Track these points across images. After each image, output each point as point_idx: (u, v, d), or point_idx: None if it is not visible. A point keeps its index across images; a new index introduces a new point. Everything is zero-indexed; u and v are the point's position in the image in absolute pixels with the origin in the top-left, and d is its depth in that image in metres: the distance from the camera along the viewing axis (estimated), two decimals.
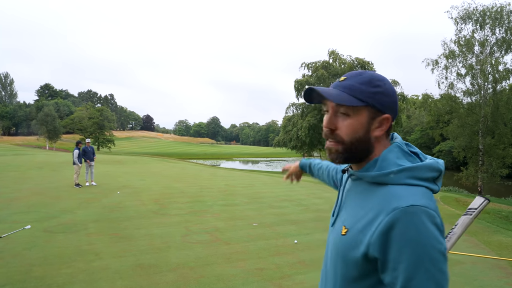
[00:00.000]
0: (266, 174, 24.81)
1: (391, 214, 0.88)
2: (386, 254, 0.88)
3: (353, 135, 1.00)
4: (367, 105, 0.99)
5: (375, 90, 0.99)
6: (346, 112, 1.00)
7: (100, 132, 59.64)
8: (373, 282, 0.95)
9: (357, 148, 1.01)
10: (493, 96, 23.15)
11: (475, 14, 23.34)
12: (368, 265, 0.94)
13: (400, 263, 0.87)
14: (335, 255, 1.04)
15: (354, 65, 32.40)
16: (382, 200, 0.94)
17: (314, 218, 8.20)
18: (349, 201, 1.08)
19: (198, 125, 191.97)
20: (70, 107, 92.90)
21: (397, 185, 0.95)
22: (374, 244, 0.90)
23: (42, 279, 4.13)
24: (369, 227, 0.93)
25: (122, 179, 14.48)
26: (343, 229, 1.01)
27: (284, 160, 70.34)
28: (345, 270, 0.99)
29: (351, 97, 0.99)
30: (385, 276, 0.91)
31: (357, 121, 1.00)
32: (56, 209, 8.14)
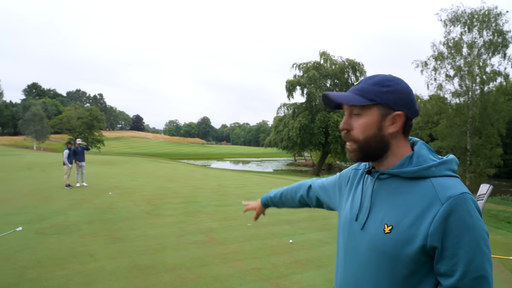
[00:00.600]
0: (257, 174, 24.83)
1: (447, 202, 0.93)
2: (445, 242, 0.93)
3: (367, 133, 1.06)
4: (377, 104, 1.05)
5: (385, 90, 1.05)
6: (358, 113, 1.07)
7: (89, 132, 58.91)
8: (420, 278, 0.98)
9: (372, 146, 1.06)
10: (480, 97, 23.55)
11: (464, 16, 23.72)
12: (423, 258, 0.96)
13: (459, 249, 0.91)
14: (377, 256, 1.03)
15: (345, 66, 32.67)
16: (429, 192, 0.98)
17: (308, 218, 8.24)
18: (382, 200, 1.08)
19: (188, 125, 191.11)
20: (59, 106, 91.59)
21: (439, 177, 1.00)
22: (433, 234, 0.93)
23: (36, 282, 4.07)
24: (422, 219, 0.96)
25: (113, 180, 14.34)
26: (386, 227, 1.02)
27: (275, 160, 70.47)
28: (393, 269, 1.00)
29: (361, 98, 1.06)
30: (442, 265, 0.94)
31: (369, 120, 1.06)
32: (47, 210, 8.02)
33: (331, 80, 33.29)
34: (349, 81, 33.43)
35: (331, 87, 33.74)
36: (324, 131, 31.82)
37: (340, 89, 33.32)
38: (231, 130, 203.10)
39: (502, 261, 5.64)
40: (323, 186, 1.51)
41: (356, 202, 1.17)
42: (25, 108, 75.01)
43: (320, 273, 4.69)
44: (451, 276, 0.93)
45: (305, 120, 31.15)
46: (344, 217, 1.21)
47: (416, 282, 0.98)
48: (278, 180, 17.98)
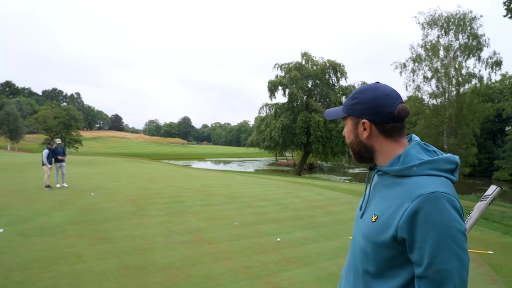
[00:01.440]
0: (240, 174, 24.86)
1: (416, 200, 1.02)
2: (413, 235, 1.02)
3: (349, 139, 1.27)
4: (348, 115, 1.25)
5: (353, 102, 1.22)
6: (344, 123, 1.29)
7: (67, 132, 57.24)
8: (400, 263, 1.09)
9: (356, 149, 1.25)
10: (456, 98, 24.31)
11: (440, 20, 24.43)
12: (397, 246, 1.07)
13: (425, 242, 1.00)
14: (365, 241, 1.17)
15: (326, 66, 33.04)
16: (407, 190, 1.08)
17: (293, 216, 8.35)
18: (377, 193, 1.22)
19: (169, 125, 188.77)
20: (34, 105, 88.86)
21: (420, 176, 1.09)
22: (402, 227, 1.04)
23: (23, 284, 3.98)
24: (397, 212, 1.07)
25: (94, 180, 14.07)
26: (373, 216, 1.15)
27: (257, 160, 70.60)
28: (375, 253, 1.13)
29: (341, 112, 1.28)
30: (413, 255, 1.04)
31: (347, 129, 1.27)
32: (28, 212, 7.82)
33: (313, 80, 33.60)
34: (330, 81, 33.84)
35: (312, 88, 34.07)
36: (306, 131, 32.11)
37: (321, 89, 33.68)
38: (212, 130, 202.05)
39: (482, 255, 5.89)
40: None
41: (364, 195, 1.31)
42: None
43: (309, 270, 4.78)
44: (420, 265, 1.02)
45: (287, 120, 31.33)
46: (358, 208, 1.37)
47: (398, 266, 1.09)
48: (261, 179, 18.07)
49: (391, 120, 1.16)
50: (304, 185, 15.83)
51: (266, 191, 12.77)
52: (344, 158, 35.75)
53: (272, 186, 14.58)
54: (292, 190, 13.39)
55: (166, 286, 4.08)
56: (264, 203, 10.01)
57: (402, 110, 1.16)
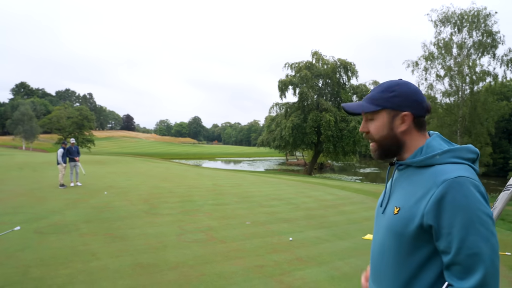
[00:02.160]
0: (251, 173, 24.89)
1: (442, 185, 1.03)
2: (440, 221, 1.02)
3: (379, 134, 1.22)
4: (384, 108, 1.21)
5: (390, 95, 1.20)
6: (371, 117, 1.24)
7: (79, 132, 58.12)
8: (427, 255, 1.07)
9: (387, 144, 1.22)
10: (470, 97, 23.90)
11: (454, 17, 24.06)
12: (423, 236, 1.06)
13: (453, 227, 1.00)
14: (387, 235, 1.16)
15: (337, 65, 32.82)
16: (431, 177, 1.09)
17: (305, 216, 8.32)
18: (398, 187, 1.22)
19: (179, 125, 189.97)
20: (48, 106, 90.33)
21: (443, 164, 1.10)
22: (428, 213, 1.03)
23: (41, 280, 4.06)
24: (421, 200, 1.07)
25: (107, 179, 14.25)
26: (395, 209, 1.15)
27: (267, 159, 70.57)
28: (399, 245, 1.11)
29: (370, 105, 1.23)
30: (440, 242, 1.03)
31: (380, 123, 1.22)
32: (43, 210, 7.96)
33: (323, 79, 33.42)
34: (341, 80, 33.60)
35: (323, 87, 33.92)
36: (316, 131, 31.97)
37: (332, 88, 33.50)
38: (222, 129, 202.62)
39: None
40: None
41: (384, 191, 1.31)
42: (13, 107, 73.80)
43: (322, 269, 4.76)
44: (448, 253, 1.01)
45: (297, 119, 31.23)
46: (377, 206, 1.35)
47: (423, 259, 1.07)
48: (272, 179, 18.06)
49: (425, 113, 1.21)
50: (315, 185, 15.78)
51: (277, 191, 12.76)
52: (355, 158, 35.50)
53: (283, 186, 14.56)
54: (303, 190, 13.35)
55: (179, 284, 4.12)
56: (275, 203, 10.01)
57: (430, 105, 1.23)
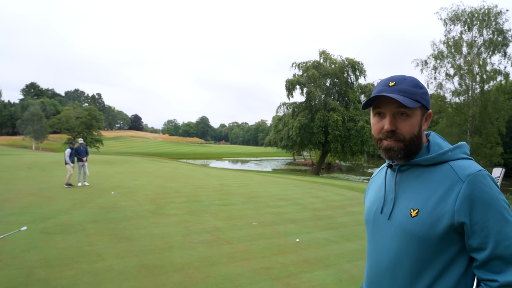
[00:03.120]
0: (258, 173, 24.81)
1: (468, 180, 1.01)
2: (472, 217, 0.99)
3: (412, 132, 1.12)
4: (421, 106, 1.13)
5: (422, 91, 1.14)
6: (406, 113, 1.12)
7: (88, 131, 58.65)
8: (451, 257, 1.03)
9: (414, 143, 1.14)
10: (480, 96, 23.58)
11: (464, 15, 23.74)
12: (451, 236, 1.02)
13: (487, 221, 0.97)
14: (404, 240, 1.08)
15: (345, 65, 32.58)
16: (449, 174, 1.05)
17: (312, 217, 8.22)
18: (405, 189, 1.15)
19: (187, 125, 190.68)
20: (57, 106, 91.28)
21: (456, 160, 1.09)
22: (459, 210, 1.00)
23: (45, 282, 4.03)
24: (446, 198, 1.02)
25: (114, 179, 14.29)
26: (412, 211, 1.08)
27: (274, 159, 70.44)
28: (423, 250, 1.04)
29: (412, 100, 1.11)
30: (473, 240, 0.99)
31: (415, 120, 1.13)
32: (50, 210, 7.97)
33: (331, 79, 33.20)
34: (348, 80, 33.33)
35: (330, 86, 33.69)
36: (324, 130, 31.77)
37: (339, 88, 33.25)
38: (230, 129, 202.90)
39: None
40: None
41: (379, 196, 1.23)
42: (23, 108, 74.76)
43: (330, 272, 4.67)
44: (484, 249, 0.97)
45: (304, 119, 31.07)
46: (369, 212, 1.26)
47: (447, 261, 1.02)
48: (279, 179, 17.97)
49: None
50: (323, 185, 15.65)
51: (284, 191, 12.67)
52: (363, 158, 35.22)
53: (290, 186, 14.46)
54: (310, 190, 13.24)
55: (184, 286, 4.06)
56: (282, 203, 9.92)
57: None
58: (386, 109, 1.13)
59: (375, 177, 1.38)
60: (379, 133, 1.15)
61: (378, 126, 1.15)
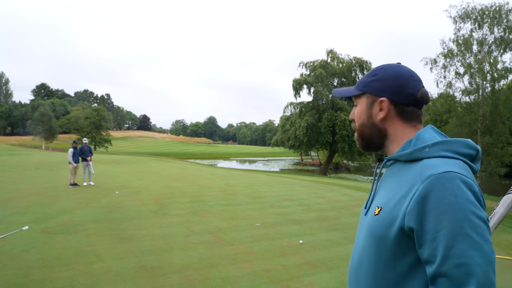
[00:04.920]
0: (265, 173, 24.68)
1: (427, 181, 0.86)
2: (424, 224, 0.84)
3: (360, 121, 1.10)
4: (364, 93, 1.09)
5: (372, 79, 1.07)
6: (355, 103, 1.13)
7: (97, 132, 59.17)
8: (410, 264, 0.90)
9: (367, 133, 1.09)
10: (491, 95, 23.10)
11: (474, 13, 23.29)
12: (404, 241, 0.89)
13: (438, 231, 0.82)
14: (367, 240, 1.00)
15: (352, 64, 32.34)
16: (416, 173, 0.92)
17: (317, 217, 8.08)
18: (383, 185, 1.07)
19: (195, 125, 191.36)
20: (67, 106, 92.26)
21: (432, 158, 0.94)
22: (409, 213, 0.87)
23: (41, 283, 3.97)
24: (403, 199, 0.91)
25: (120, 179, 14.30)
26: (376, 209, 0.99)
27: (282, 159, 70.21)
28: (380, 252, 0.94)
29: (354, 89, 1.11)
30: (424, 250, 0.85)
31: (359, 109, 1.10)
32: (54, 209, 7.96)
33: (338, 78, 32.94)
34: (356, 79, 33.00)
35: (338, 86, 33.39)
36: (331, 130, 31.54)
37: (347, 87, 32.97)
38: (238, 129, 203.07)
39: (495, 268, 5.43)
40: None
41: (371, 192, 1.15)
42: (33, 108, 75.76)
43: (333, 275, 4.53)
44: (432, 262, 0.83)
45: (312, 119, 30.86)
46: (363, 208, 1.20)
47: (405, 270, 0.90)
48: (285, 179, 17.82)
49: (413, 102, 1.04)
50: (330, 185, 15.46)
51: (290, 191, 12.52)
52: (371, 158, 34.85)
53: (296, 186, 14.31)
54: (316, 190, 13.08)
55: None
56: (287, 203, 9.78)
57: (425, 94, 1.03)
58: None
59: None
60: None
61: None
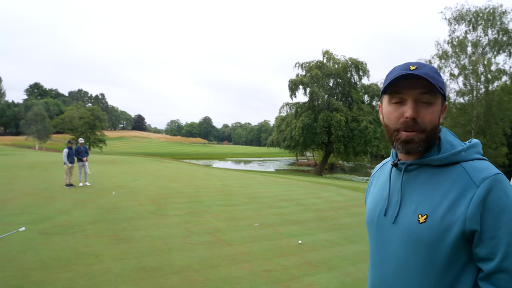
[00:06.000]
0: (261, 173, 24.70)
1: (483, 184, 0.90)
2: (483, 224, 0.89)
3: (434, 122, 1.01)
4: (442, 94, 1.02)
5: (442, 80, 1.03)
6: (429, 101, 1.00)
7: (91, 132, 58.75)
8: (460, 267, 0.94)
9: (435, 135, 1.03)
10: (485, 96, 23.35)
11: (468, 15, 23.53)
12: (463, 244, 0.92)
13: (498, 230, 0.87)
14: (412, 248, 0.98)
15: (348, 65, 32.42)
16: (462, 176, 0.95)
17: (315, 218, 8.10)
18: (413, 191, 1.04)
19: (190, 125, 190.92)
20: (60, 106, 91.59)
21: (470, 161, 0.98)
22: (471, 217, 0.90)
23: (41, 284, 3.93)
24: (457, 204, 0.92)
25: (116, 179, 14.22)
26: (420, 217, 0.98)
27: (277, 160, 70.28)
28: (431, 259, 0.95)
29: (436, 85, 1.00)
30: (481, 249, 0.90)
31: (436, 109, 1.01)
32: (50, 210, 7.89)
33: (334, 79, 33.03)
34: (352, 80, 33.14)
35: (333, 86, 33.51)
36: (327, 131, 31.62)
37: (342, 88, 33.06)
38: (233, 130, 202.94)
39: None
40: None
41: (382, 197, 1.13)
42: (27, 108, 75.09)
43: (333, 275, 4.54)
44: (491, 259, 0.88)
45: (308, 119, 30.91)
46: (371, 214, 1.16)
47: (457, 272, 0.94)
48: (282, 179, 17.85)
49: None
50: (326, 186, 15.51)
51: (287, 191, 12.54)
52: (366, 158, 35.04)
53: (293, 186, 14.34)
54: (313, 191, 13.11)
55: None
56: (285, 204, 9.80)
57: None
58: (408, 95, 0.99)
59: (376, 174, 1.28)
60: (397, 123, 1.01)
61: (396, 114, 1.01)
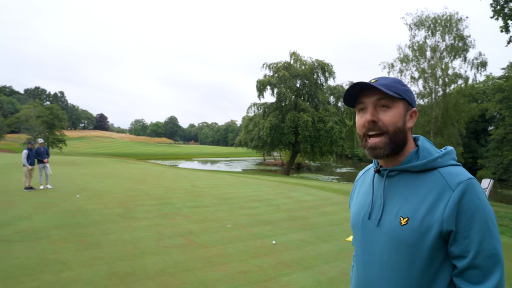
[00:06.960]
0: (229, 174, 24.62)
1: (458, 187, 1.01)
2: (458, 224, 0.99)
3: (395, 123, 1.11)
4: (402, 99, 1.13)
5: (405, 88, 1.15)
6: (386, 104, 1.12)
7: (50, 131, 55.89)
8: (438, 265, 1.03)
9: (399, 138, 1.11)
10: (443, 98, 24.60)
11: (428, 21, 24.68)
12: (441, 244, 1.02)
13: (470, 230, 0.98)
14: (395, 249, 1.07)
15: (315, 66, 33.02)
16: (439, 181, 1.05)
17: (287, 217, 8.19)
18: (394, 196, 1.12)
19: (155, 125, 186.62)
20: (16, 104, 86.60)
21: (445, 167, 1.08)
22: (448, 219, 0.99)
23: None
24: (436, 207, 1.02)
25: (80, 182, 13.64)
26: (401, 220, 1.06)
27: (244, 160, 70.35)
28: (413, 259, 1.03)
29: (391, 91, 1.11)
30: (455, 247, 1.00)
31: (397, 112, 1.12)
32: (9, 215, 7.44)
33: (301, 80, 33.52)
34: (318, 81, 33.79)
35: (300, 87, 34.01)
36: (294, 131, 32.06)
37: (309, 89, 33.62)
38: (199, 129, 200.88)
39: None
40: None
41: (366, 201, 1.21)
42: None
43: (308, 274, 4.62)
44: (465, 257, 0.99)
45: (275, 119, 31.18)
46: (356, 217, 1.24)
47: (435, 270, 1.03)
48: (251, 180, 17.89)
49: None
50: (295, 185, 15.72)
51: (257, 192, 12.59)
52: (332, 158, 35.88)
53: (262, 187, 14.41)
54: (283, 191, 13.24)
55: None
56: (256, 204, 9.83)
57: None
58: (367, 102, 1.13)
59: (359, 180, 1.36)
60: (362, 128, 1.15)
61: (361, 121, 1.15)
